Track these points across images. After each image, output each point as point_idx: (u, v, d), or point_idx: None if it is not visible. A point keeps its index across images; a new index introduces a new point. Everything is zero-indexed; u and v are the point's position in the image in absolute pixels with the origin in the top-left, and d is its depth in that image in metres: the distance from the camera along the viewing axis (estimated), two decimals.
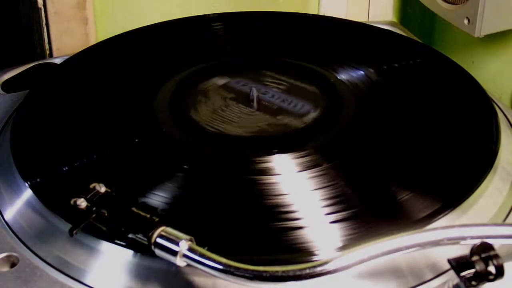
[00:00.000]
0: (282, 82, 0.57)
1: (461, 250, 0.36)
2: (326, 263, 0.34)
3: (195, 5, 0.79)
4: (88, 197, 0.40)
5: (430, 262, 0.40)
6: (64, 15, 0.74)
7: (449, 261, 0.36)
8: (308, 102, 0.54)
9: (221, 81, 0.58)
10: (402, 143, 0.50)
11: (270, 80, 0.58)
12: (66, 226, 0.41)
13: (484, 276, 0.35)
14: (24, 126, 0.52)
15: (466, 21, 0.63)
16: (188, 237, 0.36)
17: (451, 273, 0.36)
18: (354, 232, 0.41)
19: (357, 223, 0.41)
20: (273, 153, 0.47)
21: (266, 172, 0.46)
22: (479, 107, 0.54)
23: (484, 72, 0.71)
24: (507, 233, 0.36)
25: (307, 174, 0.45)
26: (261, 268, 0.34)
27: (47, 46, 0.74)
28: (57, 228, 0.43)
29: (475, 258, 0.35)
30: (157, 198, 0.43)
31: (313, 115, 0.53)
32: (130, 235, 0.38)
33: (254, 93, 0.54)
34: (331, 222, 0.42)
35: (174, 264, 0.36)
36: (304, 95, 0.55)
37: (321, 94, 0.55)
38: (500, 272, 0.34)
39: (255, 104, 0.54)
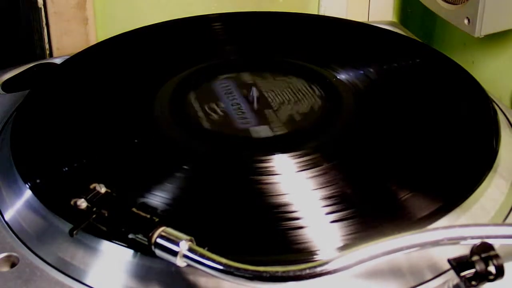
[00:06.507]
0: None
1: (461, 250, 0.36)
2: (326, 263, 0.34)
3: (195, 5, 0.79)
4: (88, 197, 0.40)
5: (430, 262, 0.40)
6: (64, 15, 0.74)
7: (449, 261, 0.36)
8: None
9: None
10: (402, 143, 0.50)
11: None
12: (66, 226, 0.41)
13: (484, 276, 0.35)
14: (25, 126, 0.52)
15: (466, 21, 0.63)
16: (188, 237, 0.36)
17: (451, 273, 0.36)
18: (354, 232, 0.41)
19: (357, 223, 0.41)
20: (273, 153, 0.47)
21: (266, 172, 0.46)
22: (479, 107, 0.54)
23: (484, 72, 0.71)
24: (507, 233, 0.36)
25: (307, 174, 0.45)
26: (261, 268, 0.34)
27: (47, 46, 0.74)
28: (57, 228, 0.43)
29: (475, 258, 0.35)
30: (157, 199, 0.43)
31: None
32: (130, 236, 0.38)
33: (254, 93, 0.54)
34: (331, 222, 0.42)
35: (174, 264, 0.36)
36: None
37: (321, 94, 0.55)
38: (500, 272, 0.34)
39: (255, 104, 0.54)
